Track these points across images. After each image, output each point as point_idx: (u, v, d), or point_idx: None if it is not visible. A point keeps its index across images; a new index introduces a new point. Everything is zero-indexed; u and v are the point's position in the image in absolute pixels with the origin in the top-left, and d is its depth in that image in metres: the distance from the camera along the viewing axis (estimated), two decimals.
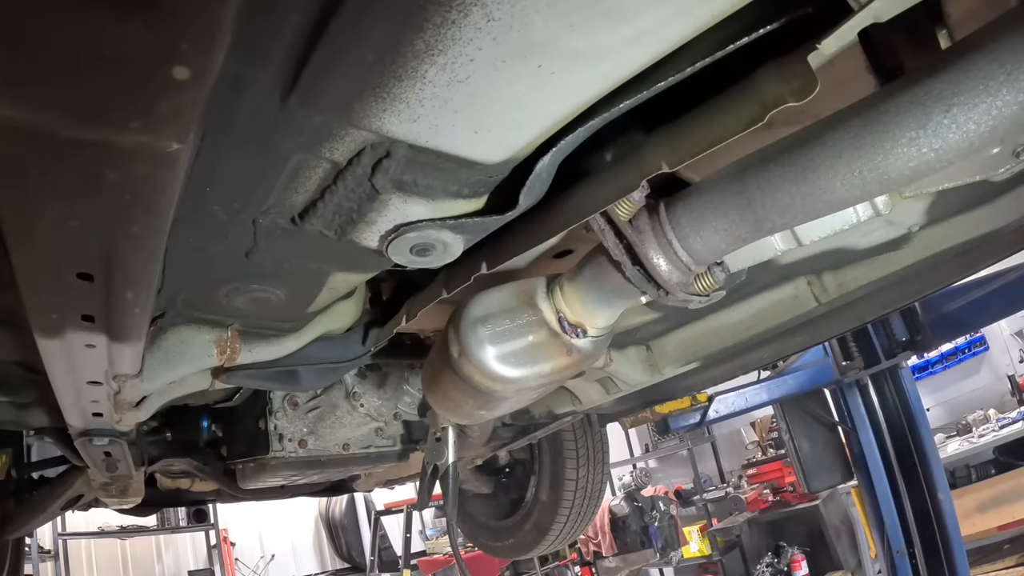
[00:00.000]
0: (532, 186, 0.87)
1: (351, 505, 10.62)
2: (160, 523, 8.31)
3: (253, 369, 1.38)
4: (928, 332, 4.95)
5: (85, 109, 0.53)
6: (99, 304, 0.84)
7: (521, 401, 1.25)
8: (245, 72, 0.64)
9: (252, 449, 1.98)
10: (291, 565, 10.74)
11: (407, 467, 2.69)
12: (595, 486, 2.95)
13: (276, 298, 1.16)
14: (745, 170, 0.83)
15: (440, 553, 9.10)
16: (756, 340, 1.75)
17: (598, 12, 0.61)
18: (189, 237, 0.91)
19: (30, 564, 6.34)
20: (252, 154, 0.77)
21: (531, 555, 4.03)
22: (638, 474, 10.08)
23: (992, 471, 7.04)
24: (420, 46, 0.61)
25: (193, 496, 2.97)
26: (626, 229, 0.91)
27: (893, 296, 1.57)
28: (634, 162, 0.87)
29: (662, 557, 8.15)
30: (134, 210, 0.66)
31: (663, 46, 0.69)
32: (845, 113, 0.73)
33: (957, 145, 0.66)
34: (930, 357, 8.47)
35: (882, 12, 0.66)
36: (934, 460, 5.03)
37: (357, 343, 1.52)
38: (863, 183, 0.72)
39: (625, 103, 0.76)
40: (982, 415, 7.80)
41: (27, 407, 1.63)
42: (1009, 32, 0.62)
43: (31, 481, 2.43)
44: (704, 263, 0.93)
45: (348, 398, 2.01)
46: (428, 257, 0.98)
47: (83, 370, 1.05)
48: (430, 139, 0.76)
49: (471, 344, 1.06)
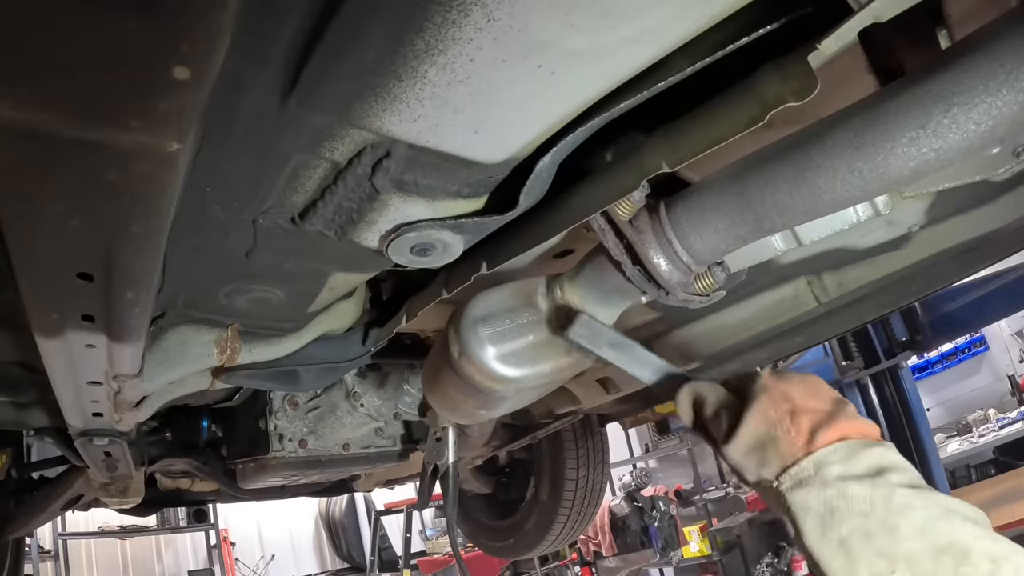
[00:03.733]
0: (532, 186, 0.87)
1: (351, 505, 10.62)
2: (160, 523, 8.30)
3: (253, 369, 1.38)
4: (928, 332, 4.96)
5: (85, 109, 0.53)
6: (99, 304, 0.84)
7: (521, 401, 1.25)
8: (245, 72, 0.64)
9: (252, 449, 1.98)
10: (291, 565, 10.74)
11: (407, 467, 2.69)
12: (595, 486, 2.95)
13: (276, 298, 1.16)
14: (745, 170, 0.83)
15: (440, 553, 9.10)
16: (756, 340, 1.75)
17: (598, 12, 0.61)
18: (189, 237, 0.91)
19: (30, 564, 6.34)
20: (252, 154, 0.77)
21: (531, 555, 4.04)
22: (638, 474, 10.08)
23: (992, 471, 7.04)
24: (420, 46, 0.62)
25: (193, 496, 2.97)
26: (626, 229, 0.91)
27: (893, 296, 1.56)
28: (634, 162, 0.87)
29: (662, 557, 8.15)
30: (134, 210, 0.66)
31: (663, 46, 0.69)
32: (845, 113, 0.73)
33: (957, 145, 0.66)
34: (930, 357, 8.47)
35: (882, 12, 0.66)
36: (934, 460, 5.04)
37: (357, 343, 1.52)
38: (863, 183, 0.72)
39: (625, 103, 0.76)
40: (982, 415, 7.79)
41: (27, 407, 1.63)
42: (1009, 32, 0.62)
43: (31, 481, 2.43)
44: (704, 263, 0.93)
45: (348, 398, 2.01)
46: (428, 257, 0.98)
47: (83, 370, 1.05)
48: (430, 139, 0.76)
49: (471, 344, 1.06)
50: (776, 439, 0.76)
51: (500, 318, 1.06)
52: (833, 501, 0.70)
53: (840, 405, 0.79)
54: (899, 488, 0.69)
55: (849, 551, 0.69)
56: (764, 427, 0.78)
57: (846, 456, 0.72)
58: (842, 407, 0.78)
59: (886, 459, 0.72)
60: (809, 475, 0.73)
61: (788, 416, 0.77)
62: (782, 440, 0.76)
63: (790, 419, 0.76)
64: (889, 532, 0.67)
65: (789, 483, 0.74)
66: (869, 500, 0.69)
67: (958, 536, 0.66)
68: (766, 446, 0.77)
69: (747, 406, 0.80)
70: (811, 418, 0.76)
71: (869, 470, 0.71)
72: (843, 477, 0.71)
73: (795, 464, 0.74)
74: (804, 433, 0.75)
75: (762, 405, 0.79)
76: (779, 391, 0.79)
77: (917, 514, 0.68)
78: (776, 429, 0.77)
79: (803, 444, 0.75)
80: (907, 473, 0.72)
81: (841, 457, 0.72)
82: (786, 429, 0.76)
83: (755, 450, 0.78)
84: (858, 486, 0.70)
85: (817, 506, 0.71)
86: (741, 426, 0.79)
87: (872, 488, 0.70)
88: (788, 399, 0.78)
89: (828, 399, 0.79)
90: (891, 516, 0.68)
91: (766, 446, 0.77)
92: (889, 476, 0.71)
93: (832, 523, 0.70)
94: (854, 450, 0.73)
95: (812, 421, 0.76)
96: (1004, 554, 0.65)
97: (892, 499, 0.69)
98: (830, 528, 0.70)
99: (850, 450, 0.73)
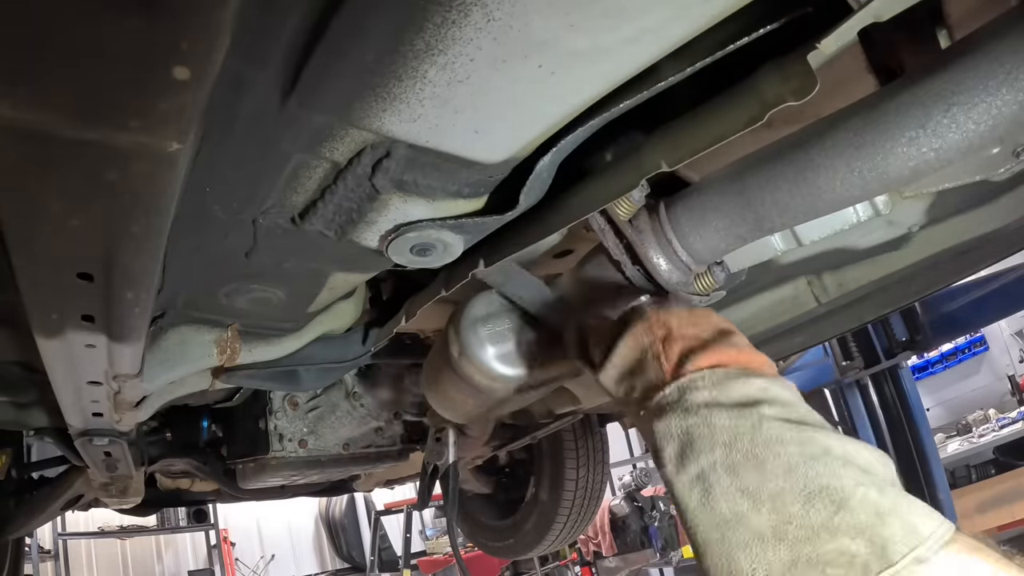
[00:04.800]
0: (532, 186, 0.87)
1: (351, 505, 10.63)
2: (160, 523, 8.31)
3: (253, 369, 1.38)
4: (928, 332, 4.96)
5: (85, 109, 0.53)
6: (99, 304, 0.84)
7: (521, 401, 1.25)
8: (245, 72, 0.64)
9: (252, 449, 1.98)
10: (291, 565, 10.75)
11: (407, 467, 2.69)
12: (595, 486, 2.95)
13: (276, 298, 1.16)
14: (745, 170, 0.83)
15: (440, 553, 9.10)
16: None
17: (598, 12, 0.61)
18: (189, 237, 0.91)
19: (30, 564, 6.35)
20: (252, 154, 0.77)
21: (531, 555, 4.04)
22: (638, 474, 10.07)
23: (992, 471, 7.04)
24: (420, 46, 0.62)
25: (193, 496, 2.98)
26: (626, 229, 0.92)
27: (893, 296, 1.57)
28: (634, 161, 0.87)
29: (662, 557, 8.15)
30: (134, 210, 0.66)
31: (663, 46, 0.69)
32: (845, 113, 0.74)
33: (957, 145, 0.66)
34: (930, 357, 8.48)
35: (882, 12, 0.66)
36: (934, 460, 5.04)
37: (357, 343, 1.52)
38: (863, 183, 0.72)
39: (625, 103, 0.76)
40: (982, 415, 7.80)
41: (27, 407, 1.63)
42: (1009, 32, 0.62)
43: (31, 481, 2.43)
44: (704, 263, 0.93)
45: (348, 398, 2.01)
46: (428, 257, 0.98)
47: (83, 370, 1.05)
48: (430, 139, 0.76)
49: (471, 344, 1.06)
50: (645, 364, 0.72)
51: (500, 318, 1.06)
52: (694, 429, 0.64)
53: (723, 335, 0.73)
54: (772, 420, 0.62)
55: (708, 486, 0.62)
56: (635, 353, 0.74)
57: (715, 383, 0.66)
58: (725, 336, 0.73)
59: (766, 392, 0.65)
60: (672, 401, 0.67)
61: (660, 342, 0.72)
62: (650, 365, 0.71)
63: (662, 345, 0.72)
64: (755, 468, 0.60)
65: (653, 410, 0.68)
66: (734, 431, 0.62)
67: (836, 480, 0.58)
68: (635, 372, 0.73)
69: (623, 332, 0.76)
70: (683, 344, 0.71)
71: (742, 399, 0.64)
72: (708, 404, 0.65)
73: (660, 390, 0.69)
74: (673, 359, 0.70)
75: (636, 331, 0.75)
76: (657, 318, 0.75)
77: (788, 449, 0.60)
78: (646, 355, 0.72)
79: (671, 369, 0.70)
80: (789, 408, 0.64)
81: (709, 384, 0.66)
82: (655, 354, 0.71)
83: (626, 376, 0.75)
84: (724, 415, 0.63)
85: (678, 434, 0.65)
86: (613, 352, 0.75)
87: (739, 418, 0.62)
88: (665, 326, 0.74)
89: (710, 328, 0.74)
90: (757, 448, 0.60)
91: (635, 372, 0.73)
92: (762, 408, 0.63)
93: (691, 454, 0.63)
94: (728, 377, 0.66)
95: (684, 347, 0.71)
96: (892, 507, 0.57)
97: (760, 431, 0.61)
98: (688, 459, 0.64)
99: (723, 377, 0.66)
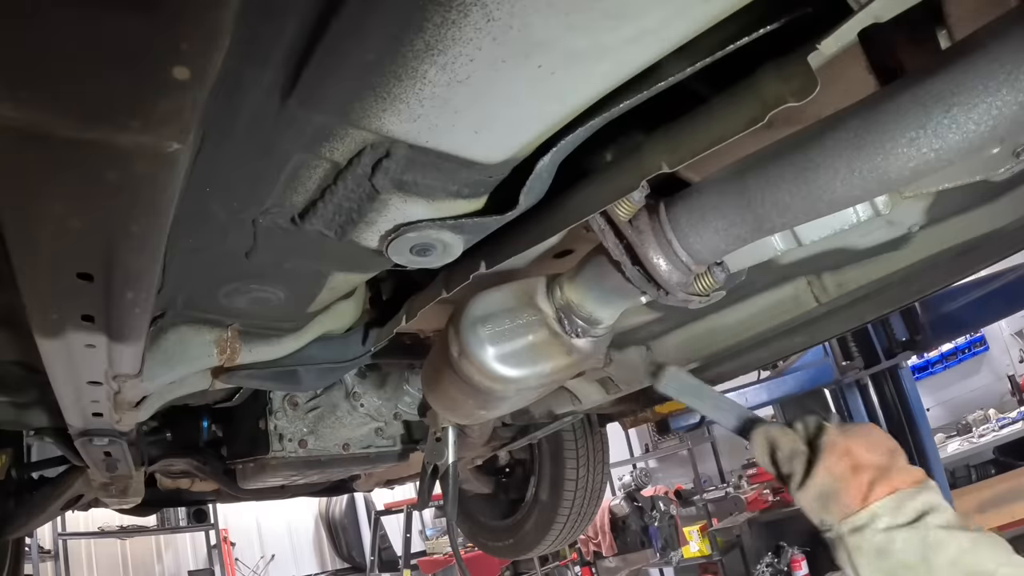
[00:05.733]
0: (532, 186, 0.87)
1: (351, 505, 10.62)
2: (160, 523, 8.30)
3: (253, 369, 1.38)
4: (928, 332, 4.96)
5: (85, 109, 0.53)
6: (99, 304, 0.84)
7: (521, 401, 1.25)
8: (245, 72, 0.64)
9: (252, 449, 1.98)
10: (291, 565, 10.75)
11: (407, 467, 2.69)
12: (595, 486, 2.95)
13: (276, 298, 1.16)
14: (745, 170, 0.83)
15: (440, 553, 9.10)
16: (756, 340, 1.75)
17: (598, 12, 0.61)
18: (189, 237, 0.91)
19: (30, 564, 6.34)
20: (252, 154, 0.77)
21: (531, 555, 4.04)
22: (638, 474, 10.07)
23: (992, 471, 7.03)
24: (420, 46, 0.62)
25: (193, 496, 2.97)
26: (626, 229, 0.91)
27: (893, 296, 1.57)
28: (634, 162, 0.87)
29: (662, 557, 8.15)
30: (134, 210, 0.66)
31: (663, 46, 0.69)
32: (845, 113, 0.73)
33: (957, 145, 0.66)
34: (930, 357, 8.47)
35: (882, 12, 0.66)
36: (934, 460, 5.04)
37: (357, 343, 1.52)
38: (863, 183, 0.72)
39: (625, 103, 0.76)
40: (982, 415, 7.79)
41: (27, 407, 1.63)
42: (1009, 32, 0.62)
43: (31, 481, 2.43)
44: (704, 263, 0.93)
45: (348, 398, 2.01)
46: (428, 257, 0.99)
47: (83, 370, 1.05)
48: (430, 139, 0.76)
49: (471, 344, 1.06)
50: (839, 492, 0.93)
51: (500, 318, 1.06)
52: (882, 544, 0.89)
53: (894, 457, 0.94)
54: (935, 529, 0.87)
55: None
56: (830, 480, 0.94)
57: (895, 507, 0.90)
58: (895, 459, 0.94)
59: (927, 504, 0.89)
60: (864, 524, 0.90)
61: (850, 471, 0.93)
62: (843, 492, 0.92)
63: (852, 474, 0.93)
64: (926, 565, 0.86)
65: (847, 529, 0.91)
66: (910, 541, 0.87)
67: (982, 565, 0.84)
68: (830, 496, 0.93)
69: (816, 458, 0.95)
70: (870, 475, 0.92)
71: (912, 515, 0.89)
72: (890, 527, 0.89)
73: (854, 514, 0.91)
74: (863, 487, 0.91)
75: (829, 460, 0.94)
76: (843, 447, 0.95)
77: (949, 549, 0.85)
78: (840, 482, 0.93)
79: (860, 499, 0.91)
80: (943, 514, 0.89)
81: (890, 509, 0.90)
82: (848, 483, 0.93)
83: (821, 498, 0.94)
84: (902, 532, 0.88)
85: (869, 548, 0.90)
86: (811, 477, 0.95)
87: (913, 531, 0.88)
88: (850, 454, 0.94)
89: (885, 451, 0.95)
90: (928, 552, 0.86)
91: (830, 496, 0.93)
92: (927, 519, 0.88)
93: (881, 561, 0.89)
94: (902, 500, 0.90)
95: (871, 477, 0.92)
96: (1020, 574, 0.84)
97: (928, 538, 0.87)
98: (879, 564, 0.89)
99: (899, 501, 0.90)
